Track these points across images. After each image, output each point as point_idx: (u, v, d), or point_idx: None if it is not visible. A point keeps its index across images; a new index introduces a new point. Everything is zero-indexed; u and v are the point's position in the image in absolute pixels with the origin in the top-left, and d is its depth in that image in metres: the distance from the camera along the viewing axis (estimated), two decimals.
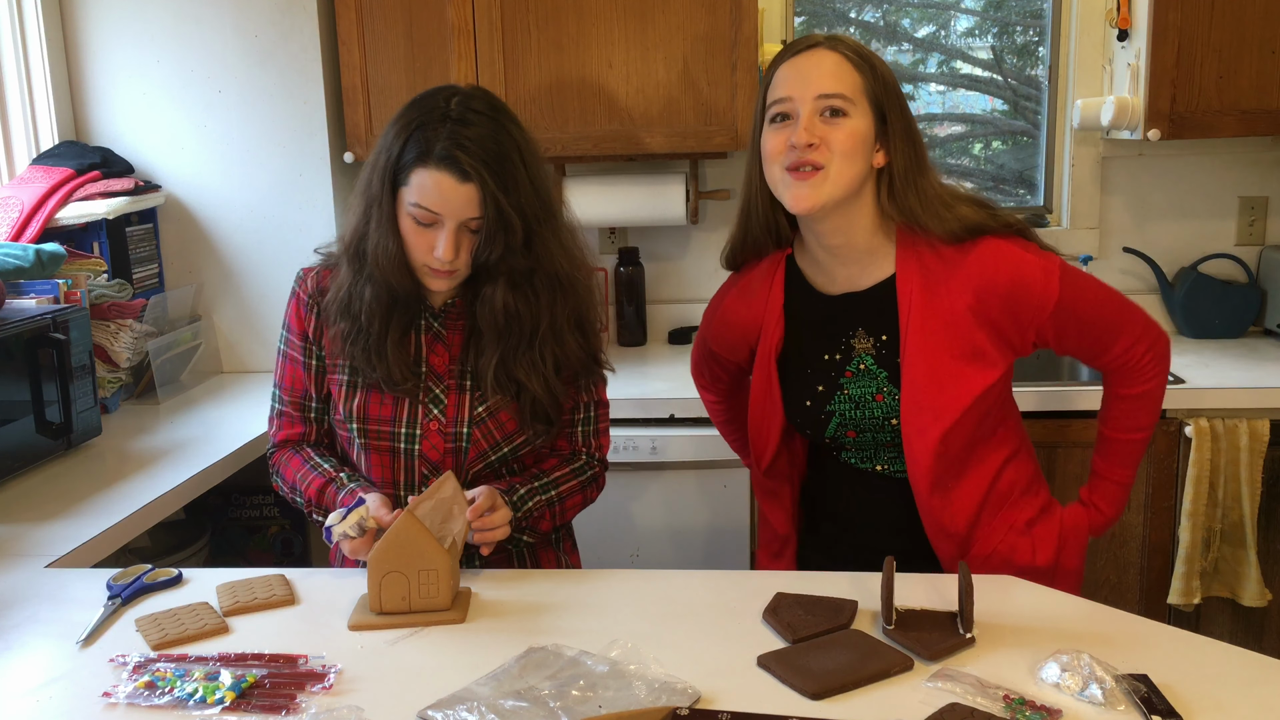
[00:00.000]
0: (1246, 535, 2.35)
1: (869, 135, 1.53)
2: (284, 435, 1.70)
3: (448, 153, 1.47)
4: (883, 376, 1.59)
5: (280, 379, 1.70)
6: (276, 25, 2.66)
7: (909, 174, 1.55)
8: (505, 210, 1.50)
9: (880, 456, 1.64)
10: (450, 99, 1.53)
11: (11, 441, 1.96)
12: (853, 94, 1.52)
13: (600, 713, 1.13)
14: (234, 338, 2.83)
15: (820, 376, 1.63)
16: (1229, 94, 2.57)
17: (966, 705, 1.13)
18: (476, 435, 1.62)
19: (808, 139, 1.50)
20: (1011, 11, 3.14)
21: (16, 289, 2.19)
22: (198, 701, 1.18)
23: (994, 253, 1.56)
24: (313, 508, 1.65)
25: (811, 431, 1.65)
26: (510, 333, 1.58)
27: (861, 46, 1.57)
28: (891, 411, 1.58)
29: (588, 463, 1.71)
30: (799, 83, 1.53)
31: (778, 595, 1.40)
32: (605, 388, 1.74)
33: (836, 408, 1.62)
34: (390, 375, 1.59)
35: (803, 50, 1.55)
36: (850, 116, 1.52)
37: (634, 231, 3.03)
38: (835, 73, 1.52)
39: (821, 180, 1.51)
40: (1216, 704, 1.15)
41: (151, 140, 2.74)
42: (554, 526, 1.67)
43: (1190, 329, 2.86)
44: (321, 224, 2.72)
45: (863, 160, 1.53)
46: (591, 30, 2.60)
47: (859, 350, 1.61)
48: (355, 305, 1.58)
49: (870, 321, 1.61)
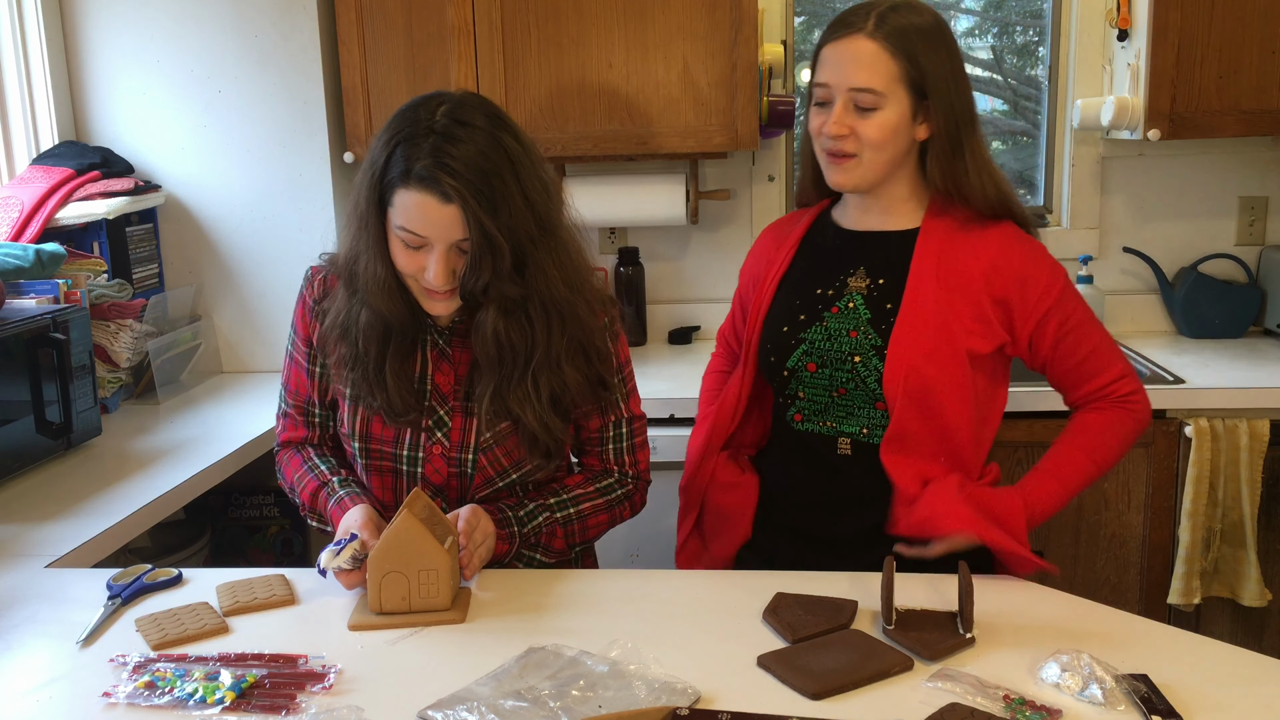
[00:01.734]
0: (1246, 535, 2.35)
1: (902, 122, 1.57)
2: (287, 436, 1.69)
3: (428, 173, 1.39)
4: (865, 317, 1.61)
5: (286, 380, 1.67)
6: (276, 25, 2.66)
7: (955, 143, 1.58)
8: (491, 233, 1.41)
9: (831, 411, 1.64)
10: (438, 109, 1.43)
11: (11, 441, 1.96)
12: (885, 86, 1.54)
13: (600, 713, 1.13)
14: (234, 338, 2.83)
15: (806, 307, 1.67)
16: (1229, 94, 2.57)
17: (966, 705, 1.13)
18: (483, 462, 1.57)
19: (838, 130, 1.56)
20: (1011, 11, 3.14)
21: (16, 289, 2.19)
22: (198, 701, 1.18)
23: (1015, 233, 1.62)
24: (307, 511, 1.64)
25: (775, 359, 1.67)
26: (504, 362, 1.51)
27: (907, 27, 1.55)
28: (857, 349, 1.60)
29: (619, 481, 1.66)
30: (835, 71, 1.57)
31: (778, 595, 1.40)
32: (637, 401, 1.67)
33: (808, 336, 1.64)
34: (391, 406, 1.54)
35: (845, 35, 1.57)
36: (881, 109, 1.55)
37: (634, 231, 3.03)
38: (870, 64, 1.54)
39: (854, 166, 1.59)
40: (1216, 704, 1.15)
41: (151, 140, 2.74)
42: (569, 545, 1.62)
43: (1190, 329, 2.86)
44: (321, 224, 2.72)
45: (895, 145, 1.58)
46: (591, 30, 2.60)
47: (852, 289, 1.64)
48: (352, 331, 1.53)
49: (875, 261, 1.64)
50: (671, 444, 2.40)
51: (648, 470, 1.70)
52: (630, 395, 1.66)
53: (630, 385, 1.66)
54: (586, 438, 1.65)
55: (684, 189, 2.82)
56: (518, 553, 1.56)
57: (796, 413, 1.67)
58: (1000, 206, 1.62)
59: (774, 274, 1.73)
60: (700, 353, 2.88)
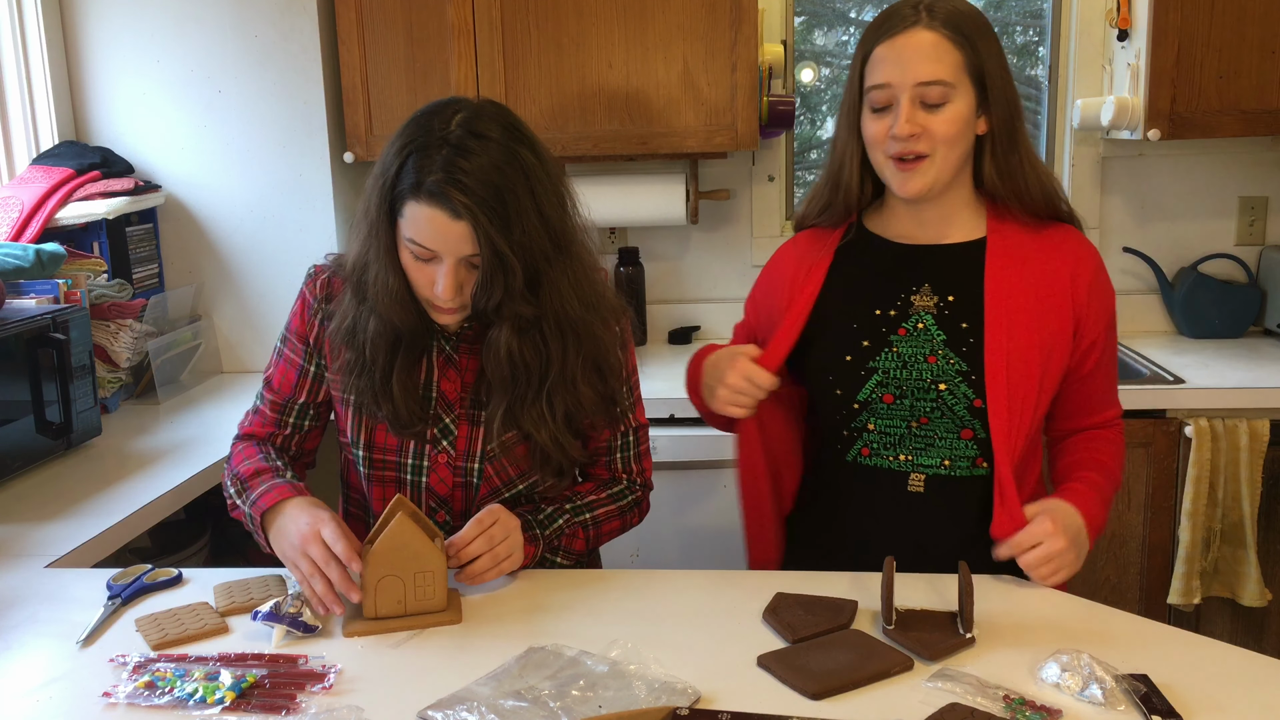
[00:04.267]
0: (1246, 535, 2.35)
1: (971, 112, 1.50)
2: (250, 430, 1.63)
3: (439, 188, 1.35)
4: (939, 339, 1.52)
5: (271, 376, 1.62)
6: (276, 25, 2.66)
7: (1012, 137, 1.51)
8: (503, 252, 1.37)
9: (908, 443, 1.53)
10: (454, 117, 1.39)
11: (11, 441, 1.96)
12: (953, 76, 1.47)
13: (600, 713, 1.13)
14: (234, 338, 2.83)
15: (867, 331, 1.55)
16: (1229, 94, 2.57)
17: (966, 705, 1.13)
18: (489, 471, 1.54)
19: (910, 130, 1.47)
20: (1011, 11, 3.14)
21: (16, 289, 2.19)
22: (198, 701, 1.18)
23: (1082, 239, 1.56)
24: (237, 482, 1.52)
25: (843, 390, 1.54)
26: (517, 382, 1.47)
27: (959, 16, 1.49)
28: (941, 375, 1.50)
29: (628, 488, 1.64)
30: (897, 68, 1.47)
31: (778, 595, 1.40)
32: (642, 410, 1.65)
33: (881, 364, 1.53)
34: (398, 417, 1.51)
35: (899, 31, 1.48)
36: (951, 102, 1.48)
37: (634, 231, 3.03)
38: (935, 55, 1.46)
39: (928, 167, 1.49)
40: (1216, 704, 1.15)
41: (151, 140, 2.74)
42: (589, 547, 1.60)
43: (1190, 329, 2.86)
44: (321, 224, 2.72)
45: (966, 140, 1.51)
46: (591, 30, 2.60)
47: (918, 308, 1.54)
48: (359, 337, 1.49)
49: (941, 278, 1.55)
50: (671, 444, 2.40)
51: (651, 476, 1.69)
52: (636, 404, 1.64)
53: (636, 394, 1.65)
54: (594, 449, 1.63)
55: (684, 189, 2.82)
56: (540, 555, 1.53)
57: (864, 447, 1.56)
58: (1053, 204, 1.55)
59: (806, 298, 1.59)
60: None
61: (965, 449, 1.52)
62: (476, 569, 1.42)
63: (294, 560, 1.38)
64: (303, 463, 1.67)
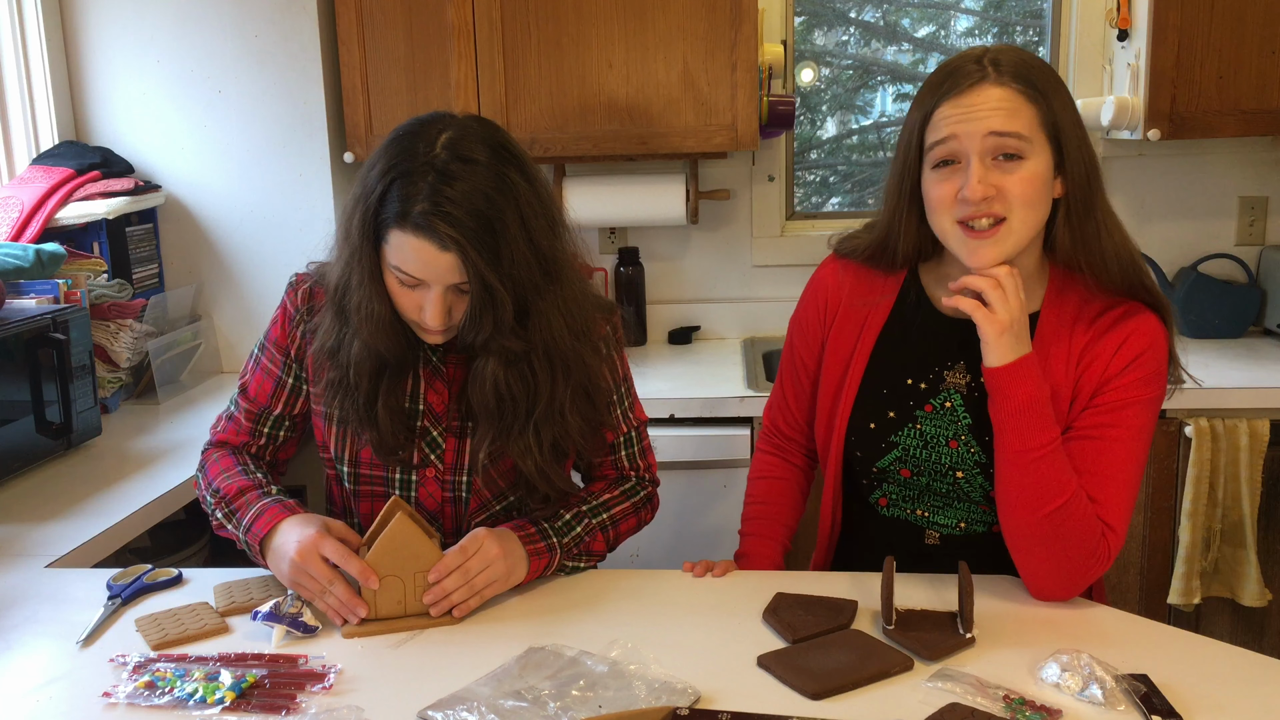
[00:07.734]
0: (1246, 535, 2.35)
1: (1049, 172, 1.35)
2: (224, 438, 1.60)
3: (425, 220, 1.30)
4: (965, 422, 1.44)
5: (247, 384, 1.59)
6: (276, 25, 2.66)
7: (1089, 200, 1.36)
8: (492, 285, 1.33)
9: (924, 501, 1.51)
10: (439, 138, 1.34)
11: (11, 441, 1.96)
12: (1029, 131, 1.33)
13: (600, 713, 1.13)
14: (234, 338, 2.83)
15: (895, 401, 1.48)
16: (1229, 94, 2.57)
17: (966, 705, 1.13)
18: (478, 484, 1.51)
19: (983, 191, 1.32)
20: (1011, 11, 3.14)
21: (16, 289, 2.19)
22: (198, 701, 1.18)
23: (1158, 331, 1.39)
24: (223, 503, 1.50)
25: (863, 454, 1.51)
26: (503, 414, 1.44)
27: (1027, 69, 1.34)
28: (960, 464, 1.44)
29: (638, 483, 1.62)
30: (964, 123, 1.33)
31: (778, 595, 1.40)
32: (640, 408, 1.64)
33: (902, 440, 1.47)
34: (383, 443, 1.47)
35: (965, 88, 1.34)
36: (1027, 158, 1.33)
37: (634, 231, 3.03)
38: (1009, 109, 1.32)
39: (1005, 235, 1.34)
40: (1216, 704, 1.15)
41: (151, 140, 2.74)
42: (610, 549, 1.57)
43: (1190, 329, 2.86)
44: (321, 224, 2.71)
45: (1045, 202, 1.36)
46: (591, 30, 2.60)
47: (949, 384, 1.46)
48: (343, 356, 1.45)
49: (977, 355, 1.38)
50: (671, 444, 2.40)
51: (657, 471, 1.68)
52: (634, 405, 1.63)
53: (633, 395, 1.63)
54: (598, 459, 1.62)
55: (684, 189, 2.82)
56: (559, 564, 1.49)
57: (882, 497, 1.53)
58: (1133, 279, 1.38)
59: (863, 352, 1.51)
60: (700, 353, 2.88)
61: (982, 516, 1.50)
62: (454, 600, 1.37)
63: (297, 581, 1.38)
64: (278, 472, 1.65)
